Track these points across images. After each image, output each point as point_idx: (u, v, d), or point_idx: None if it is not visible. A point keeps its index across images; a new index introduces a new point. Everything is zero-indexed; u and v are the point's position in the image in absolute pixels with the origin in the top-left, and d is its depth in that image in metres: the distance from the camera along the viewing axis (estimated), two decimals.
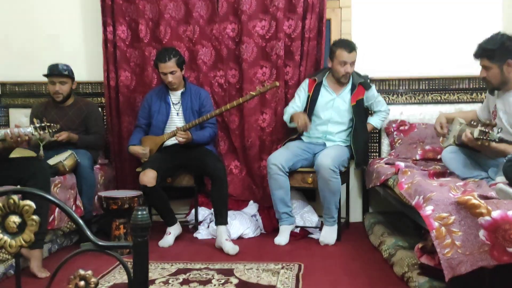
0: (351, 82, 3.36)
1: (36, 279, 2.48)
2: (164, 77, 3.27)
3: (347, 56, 3.22)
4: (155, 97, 3.39)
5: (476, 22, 3.64)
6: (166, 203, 3.24)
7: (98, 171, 3.43)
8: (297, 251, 3.02)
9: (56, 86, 3.31)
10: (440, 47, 3.69)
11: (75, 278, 0.99)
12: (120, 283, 2.43)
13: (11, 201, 1.01)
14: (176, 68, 3.24)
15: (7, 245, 1.02)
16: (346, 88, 3.35)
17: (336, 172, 3.05)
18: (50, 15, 3.87)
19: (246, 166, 3.68)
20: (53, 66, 3.32)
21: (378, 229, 3.17)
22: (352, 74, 3.35)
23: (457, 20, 3.67)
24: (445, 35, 3.68)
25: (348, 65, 3.24)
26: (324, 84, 3.37)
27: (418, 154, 3.34)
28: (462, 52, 3.65)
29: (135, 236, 0.99)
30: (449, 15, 3.68)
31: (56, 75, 3.30)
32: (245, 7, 3.51)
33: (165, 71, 3.22)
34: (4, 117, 3.89)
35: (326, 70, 3.41)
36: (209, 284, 2.38)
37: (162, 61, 3.20)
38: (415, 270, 2.29)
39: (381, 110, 3.47)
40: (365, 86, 3.37)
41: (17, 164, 2.55)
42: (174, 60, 3.22)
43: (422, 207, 2.04)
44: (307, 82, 3.40)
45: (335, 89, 3.36)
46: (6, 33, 3.83)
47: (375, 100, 3.43)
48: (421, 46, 3.70)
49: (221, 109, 3.27)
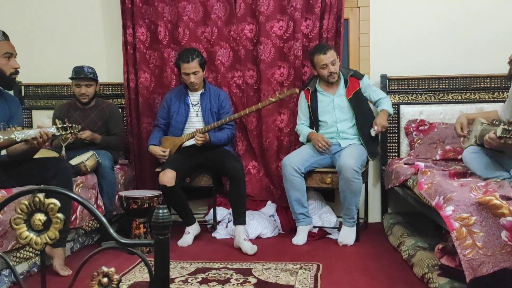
0: (342, 79, 3.36)
1: (59, 277, 2.53)
2: (186, 77, 3.29)
3: (324, 57, 3.23)
4: (174, 98, 3.42)
5: (497, 20, 3.59)
6: (185, 203, 3.27)
7: (118, 171, 3.48)
8: (316, 251, 3.01)
9: (82, 88, 3.39)
10: (461, 46, 3.64)
11: (98, 274, 1.01)
12: (141, 281, 2.46)
13: (37, 199, 1.04)
14: (198, 69, 3.27)
15: (33, 242, 1.05)
16: (340, 85, 3.37)
17: (359, 172, 3.05)
18: (71, 18, 3.95)
19: (264, 167, 3.69)
20: (79, 69, 3.38)
21: (397, 229, 3.14)
22: (341, 71, 3.37)
23: (477, 18, 3.62)
24: (465, 33, 3.63)
25: (330, 65, 3.24)
26: (319, 90, 3.39)
27: (438, 154, 3.30)
28: (483, 51, 3.62)
29: (156, 234, 1.01)
30: (469, 13, 3.63)
31: (82, 78, 3.37)
32: (263, 8, 3.52)
33: (187, 72, 3.25)
34: (27, 118, 3.98)
35: (316, 77, 3.41)
36: (228, 284, 2.40)
37: (185, 62, 3.23)
38: (436, 271, 2.26)
39: (382, 97, 3.36)
40: (357, 77, 3.36)
41: (40, 164, 2.60)
42: (197, 61, 3.25)
43: (443, 208, 2.01)
44: (303, 94, 3.43)
45: (331, 91, 3.37)
46: (29, 36, 3.92)
47: (371, 90, 3.36)
48: (441, 44, 3.66)
49: (240, 114, 3.31)
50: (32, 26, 3.96)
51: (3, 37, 2.50)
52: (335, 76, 3.31)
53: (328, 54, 3.22)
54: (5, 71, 2.49)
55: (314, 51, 3.30)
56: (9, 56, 2.50)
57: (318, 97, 3.38)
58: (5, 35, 2.52)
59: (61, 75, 3.59)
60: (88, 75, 3.37)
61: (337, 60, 3.28)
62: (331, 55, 3.24)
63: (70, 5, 3.95)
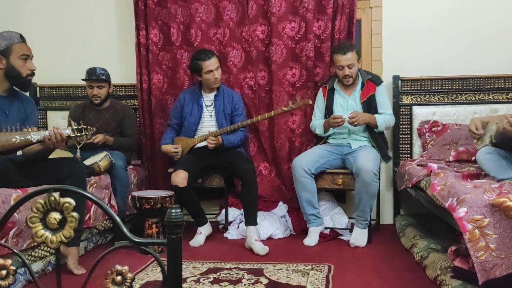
0: (360, 81, 3.35)
1: (73, 275, 2.57)
2: (209, 75, 3.27)
3: (342, 58, 3.22)
4: (188, 98, 3.43)
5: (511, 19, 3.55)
6: (197, 204, 3.29)
7: (131, 171, 3.51)
8: (327, 252, 3.01)
9: (94, 90, 3.43)
10: (474, 46, 3.61)
11: (112, 273, 1.03)
12: (153, 281, 2.48)
13: (52, 198, 1.06)
14: (219, 64, 3.30)
15: (48, 240, 1.07)
16: (357, 87, 3.36)
17: (377, 175, 3.05)
18: (86, 21, 4.00)
19: (276, 167, 3.69)
20: (91, 70, 3.43)
21: (409, 231, 3.12)
22: (361, 73, 3.35)
23: (491, 18, 3.58)
24: (479, 33, 3.60)
25: (346, 68, 3.23)
26: (336, 88, 3.39)
27: (451, 155, 3.27)
28: (497, 51, 3.58)
29: (169, 233, 1.02)
30: (483, 12, 3.59)
31: (95, 79, 3.41)
32: (275, 9, 3.53)
33: (211, 68, 3.26)
34: (42, 119, 4.04)
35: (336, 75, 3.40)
36: (239, 284, 2.41)
37: (206, 59, 3.24)
38: (448, 273, 2.24)
39: (386, 112, 3.32)
40: (375, 81, 3.34)
41: (55, 164, 2.64)
42: (216, 57, 3.29)
43: (456, 209, 2.00)
44: (321, 91, 3.45)
45: (347, 91, 3.37)
46: (44, 38, 3.98)
47: (382, 100, 3.32)
48: (454, 44, 3.63)
49: (252, 120, 3.35)
50: (47, 28, 4.02)
51: (20, 39, 2.55)
52: (350, 80, 3.30)
53: (347, 56, 3.21)
54: (21, 73, 2.53)
55: (334, 49, 3.31)
56: (25, 58, 2.54)
57: (335, 96, 3.38)
58: (22, 37, 2.57)
59: (75, 77, 3.64)
60: (100, 77, 3.41)
61: (356, 64, 3.26)
62: (351, 57, 3.21)
63: (84, 8, 4.00)
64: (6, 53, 2.49)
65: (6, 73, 2.52)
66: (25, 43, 2.58)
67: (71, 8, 4.02)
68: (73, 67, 3.87)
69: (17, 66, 2.52)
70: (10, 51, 2.50)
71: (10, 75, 2.52)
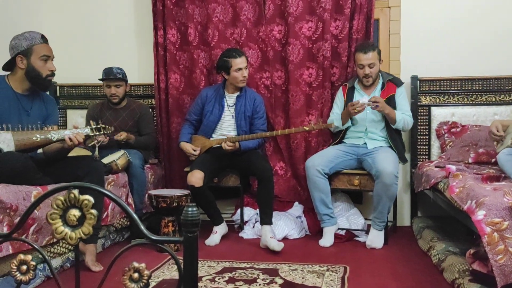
0: (381, 82, 3.34)
1: (90, 272, 2.60)
2: (238, 73, 3.27)
3: (363, 57, 3.21)
4: (210, 96, 3.43)
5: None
6: (213, 203, 3.30)
7: (148, 170, 3.55)
8: (343, 253, 2.99)
9: (111, 89, 3.48)
10: (495, 45, 3.55)
11: (129, 270, 1.04)
12: (169, 279, 2.50)
13: (72, 195, 1.07)
14: (247, 64, 3.31)
15: (68, 237, 1.09)
16: (377, 87, 3.35)
17: (397, 177, 3.03)
18: (104, 21, 4.06)
19: (292, 168, 3.69)
20: (108, 70, 3.47)
21: (427, 233, 3.08)
22: (382, 74, 3.35)
23: (510, 17, 3.52)
24: (499, 32, 3.53)
25: (366, 67, 3.22)
26: (356, 87, 3.38)
27: (470, 157, 3.22)
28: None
29: (185, 231, 1.03)
30: (503, 10, 3.53)
31: (112, 78, 3.45)
32: (292, 9, 3.53)
33: (240, 66, 3.26)
34: (62, 118, 4.11)
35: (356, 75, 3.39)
36: (254, 283, 2.41)
37: (237, 57, 3.25)
38: (467, 276, 2.21)
39: (405, 113, 3.29)
40: (395, 83, 3.33)
41: (74, 163, 2.68)
42: (245, 57, 3.31)
43: (474, 212, 1.97)
44: (341, 89, 3.45)
45: (367, 91, 3.36)
46: (64, 38, 4.04)
47: (402, 101, 3.30)
48: (474, 44, 3.58)
49: (272, 133, 3.33)
50: (67, 28, 4.08)
51: (41, 40, 2.59)
52: (370, 80, 3.29)
53: (368, 55, 3.20)
54: (41, 73, 2.58)
55: (357, 48, 3.30)
56: (46, 59, 2.58)
57: (355, 94, 3.37)
58: (43, 38, 2.61)
59: (94, 76, 3.68)
60: (117, 76, 3.46)
61: (377, 64, 3.25)
62: (372, 57, 3.21)
63: (103, 8, 4.05)
64: (27, 54, 2.54)
65: (26, 73, 2.56)
66: (47, 44, 2.62)
67: (91, 8, 4.07)
68: (92, 67, 3.91)
69: (37, 67, 2.56)
70: (31, 52, 2.54)
71: (30, 75, 2.57)
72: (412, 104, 3.59)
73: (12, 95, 2.58)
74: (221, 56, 3.34)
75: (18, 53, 2.53)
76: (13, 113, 2.55)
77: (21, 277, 1.19)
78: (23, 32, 2.58)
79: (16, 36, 2.57)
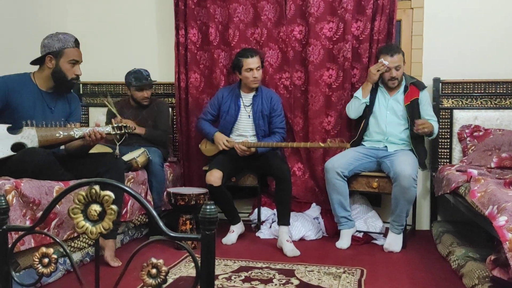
0: (403, 84, 3.32)
1: (109, 267, 2.64)
2: (248, 73, 3.27)
3: (390, 60, 3.19)
4: (226, 96, 3.44)
5: None
6: (231, 202, 3.32)
7: (167, 168, 3.59)
8: (360, 256, 2.97)
9: (144, 92, 3.55)
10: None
11: (148, 265, 1.06)
12: (185, 276, 2.52)
13: (93, 191, 1.10)
14: (260, 64, 3.31)
15: (89, 231, 1.11)
16: (400, 90, 3.32)
17: (416, 180, 3.00)
18: (127, 20, 4.12)
19: (310, 169, 3.68)
20: (139, 75, 3.52)
21: (446, 238, 3.04)
22: (405, 76, 3.32)
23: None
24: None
25: (393, 70, 3.20)
26: (380, 87, 3.36)
27: (493, 161, 3.16)
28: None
29: (203, 229, 1.04)
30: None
31: (147, 84, 3.53)
32: (313, 10, 3.52)
33: (251, 66, 3.26)
34: (84, 115, 4.18)
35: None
36: (270, 283, 2.41)
37: (249, 57, 3.25)
38: (486, 283, 2.17)
39: (432, 119, 3.26)
40: (418, 86, 3.30)
41: (95, 159, 2.73)
42: (259, 56, 3.30)
43: (496, 218, 1.93)
44: None
45: (390, 92, 3.34)
46: (87, 37, 4.09)
47: (426, 105, 3.28)
48: (498, 46, 3.51)
49: (287, 144, 3.32)
50: (90, 28, 4.15)
51: (74, 44, 2.63)
52: (396, 82, 3.27)
53: (394, 58, 3.19)
54: (67, 76, 2.62)
55: (381, 51, 3.28)
56: (74, 63, 2.63)
57: (378, 94, 3.35)
58: (76, 42, 2.65)
59: (116, 74, 3.74)
60: (151, 82, 3.55)
61: (402, 66, 3.24)
62: (398, 59, 3.20)
63: (126, 8, 4.11)
64: (57, 55, 2.58)
65: (53, 73, 2.61)
66: (78, 48, 2.66)
67: (114, 9, 4.13)
68: (115, 65, 3.98)
69: (64, 69, 2.60)
70: (62, 54, 2.59)
71: (56, 76, 2.62)
72: (434, 106, 3.53)
73: (37, 93, 2.63)
74: (236, 55, 3.36)
75: (48, 53, 2.58)
76: (38, 110, 2.61)
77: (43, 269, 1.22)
78: (57, 33, 2.62)
79: (50, 35, 2.61)
